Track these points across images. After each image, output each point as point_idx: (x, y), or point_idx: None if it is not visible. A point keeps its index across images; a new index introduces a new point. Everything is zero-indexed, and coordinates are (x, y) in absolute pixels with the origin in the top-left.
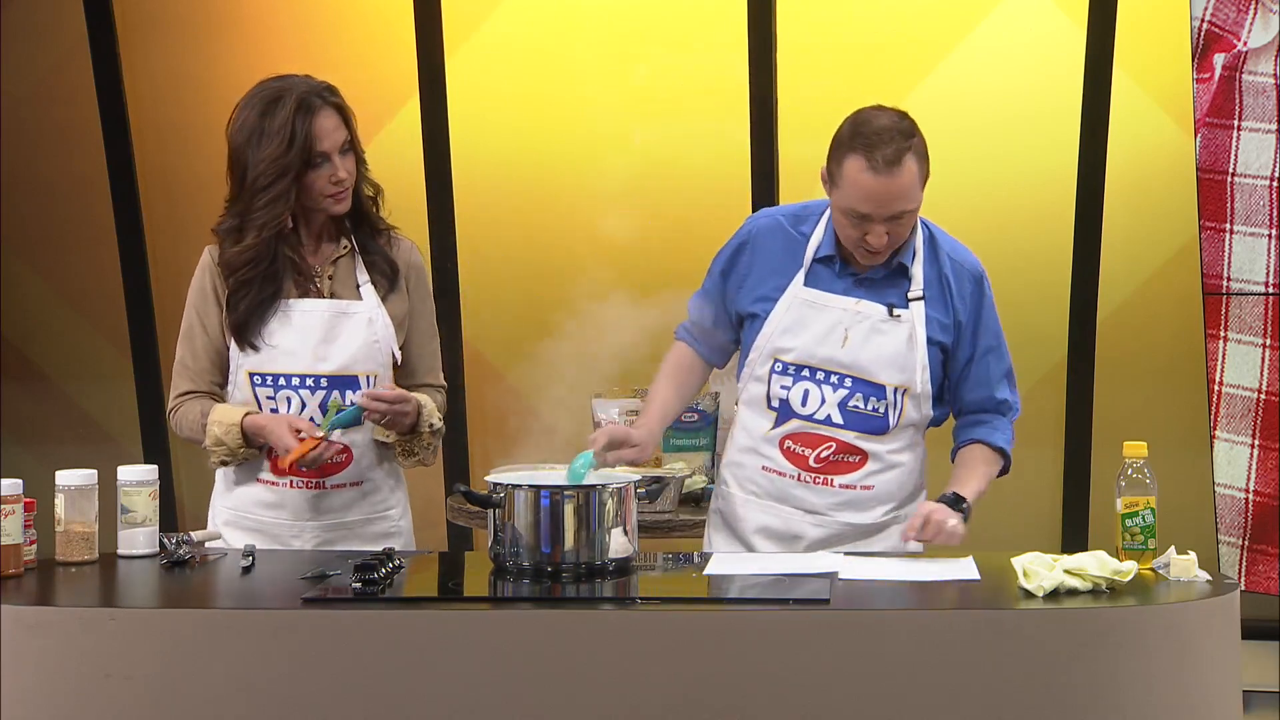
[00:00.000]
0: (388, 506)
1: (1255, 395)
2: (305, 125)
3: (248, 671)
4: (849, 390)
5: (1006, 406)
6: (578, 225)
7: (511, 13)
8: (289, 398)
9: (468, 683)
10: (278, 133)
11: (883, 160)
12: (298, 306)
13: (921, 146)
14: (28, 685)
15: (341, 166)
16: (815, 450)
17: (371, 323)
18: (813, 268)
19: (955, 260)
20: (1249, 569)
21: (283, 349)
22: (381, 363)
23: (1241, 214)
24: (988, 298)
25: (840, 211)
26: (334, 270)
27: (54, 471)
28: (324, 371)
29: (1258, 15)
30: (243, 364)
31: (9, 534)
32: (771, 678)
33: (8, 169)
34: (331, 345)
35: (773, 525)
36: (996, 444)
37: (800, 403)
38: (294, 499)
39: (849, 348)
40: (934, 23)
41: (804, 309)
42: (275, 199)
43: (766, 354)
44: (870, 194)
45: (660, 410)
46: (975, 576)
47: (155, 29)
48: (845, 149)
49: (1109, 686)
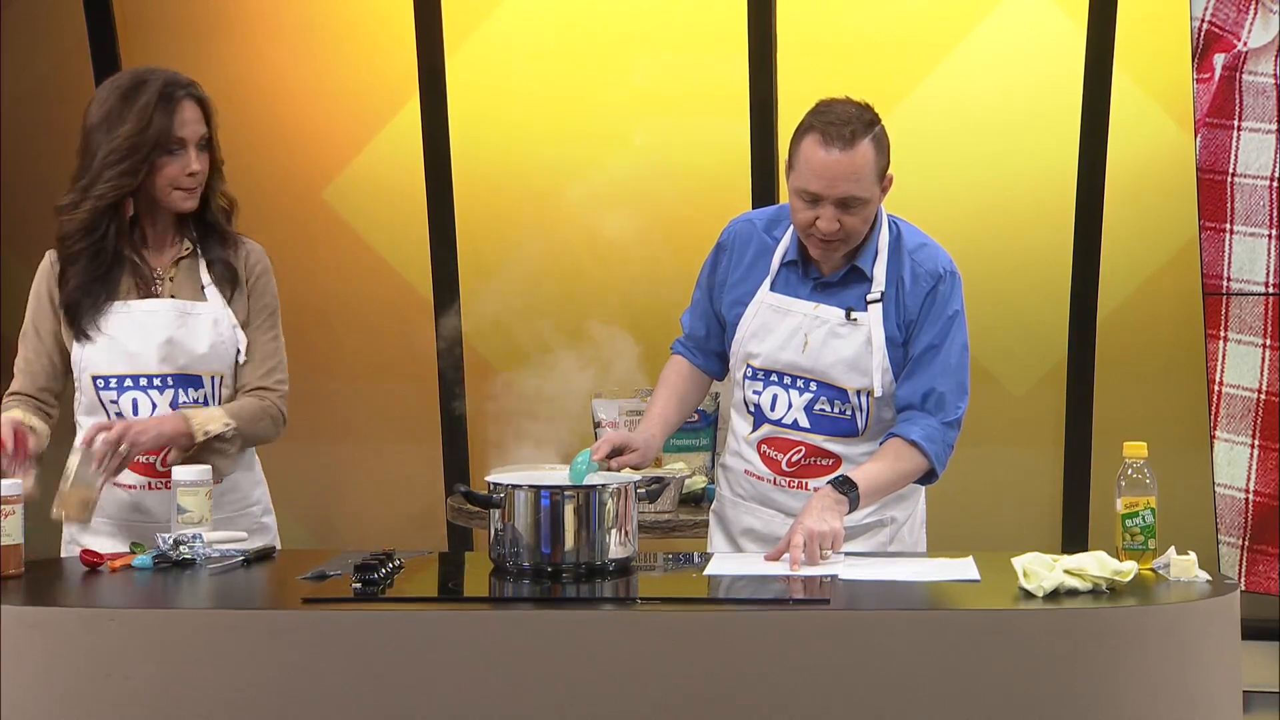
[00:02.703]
0: (250, 503)
1: (1255, 395)
2: (167, 110)
3: (248, 671)
4: (814, 394)
5: (936, 403)
6: (578, 225)
7: (511, 13)
8: (135, 399)
9: (468, 683)
10: (136, 115)
11: (837, 136)
12: (139, 307)
13: (882, 138)
14: (28, 685)
15: (196, 160)
16: (787, 454)
17: (217, 323)
18: (780, 272)
19: (916, 261)
20: (1249, 569)
21: (127, 349)
22: (227, 364)
23: (1241, 214)
24: (942, 297)
25: (794, 194)
26: (175, 271)
27: (54, 471)
28: (169, 370)
29: (1258, 15)
30: (86, 367)
31: (9, 534)
32: (771, 678)
33: (8, 169)
34: (177, 345)
35: (756, 527)
36: (909, 436)
37: (770, 407)
38: (153, 500)
39: (809, 352)
40: (934, 23)
41: (769, 314)
42: (122, 174)
43: (740, 358)
44: (821, 170)
45: (661, 418)
46: (975, 576)
47: (155, 29)
48: (803, 130)
49: (1109, 686)
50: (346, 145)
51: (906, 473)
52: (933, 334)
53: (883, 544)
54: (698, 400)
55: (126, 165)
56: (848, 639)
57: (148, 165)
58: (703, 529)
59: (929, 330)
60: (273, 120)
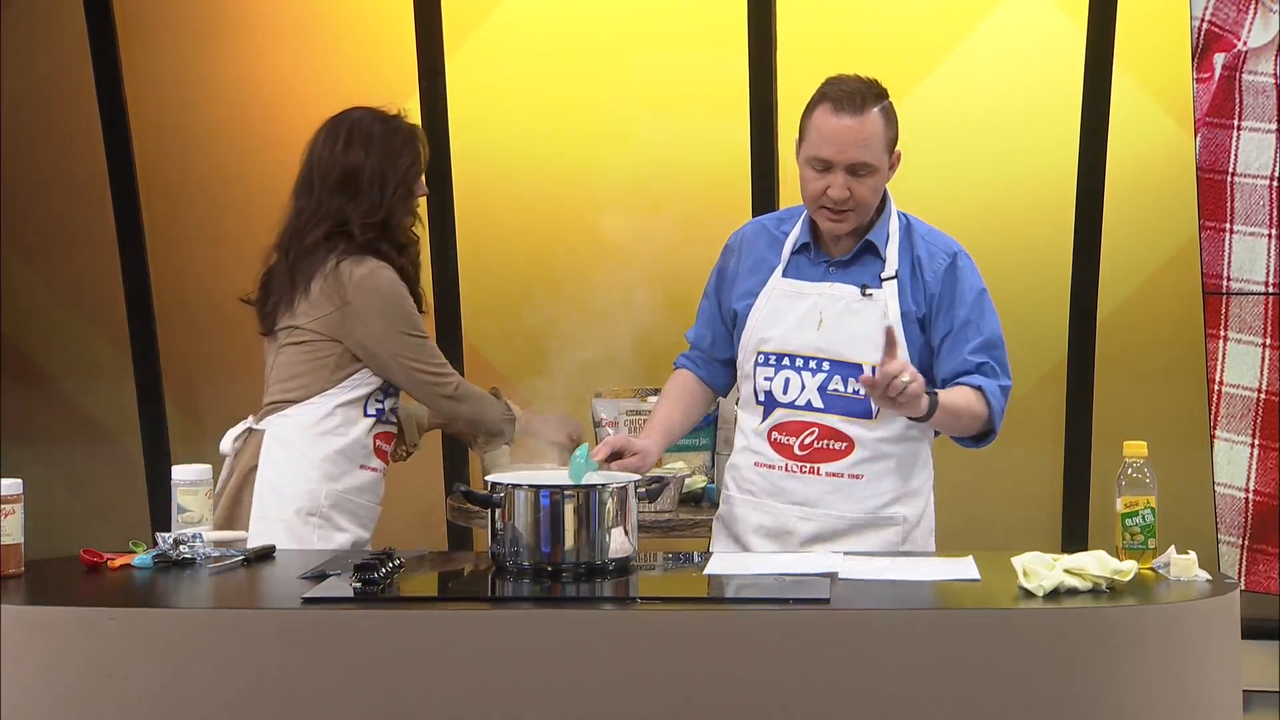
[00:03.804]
0: None
1: (1255, 395)
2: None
3: (248, 671)
4: (827, 374)
5: (988, 369)
6: (578, 225)
7: (511, 13)
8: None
9: (468, 683)
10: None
11: (848, 104)
12: None
13: (891, 111)
14: (28, 685)
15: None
16: (799, 437)
17: None
18: (791, 259)
19: (929, 241)
20: (1249, 569)
21: None
22: None
23: (1241, 214)
24: (962, 271)
25: (805, 164)
26: None
27: (53, 471)
28: None
29: (1258, 15)
30: None
31: (9, 534)
32: (771, 678)
33: (8, 169)
34: None
35: (765, 523)
36: (973, 383)
37: (782, 391)
38: (380, 482)
39: (824, 330)
40: (934, 23)
41: (781, 299)
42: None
43: (751, 348)
44: (831, 135)
45: (664, 425)
46: (975, 576)
47: (155, 29)
48: (814, 102)
49: (1109, 686)
50: None
51: (975, 412)
52: (965, 309)
53: (894, 544)
54: (700, 413)
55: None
56: (848, 639)
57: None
58: (703, 529)
59: (961, 305)
60: (273, 120)
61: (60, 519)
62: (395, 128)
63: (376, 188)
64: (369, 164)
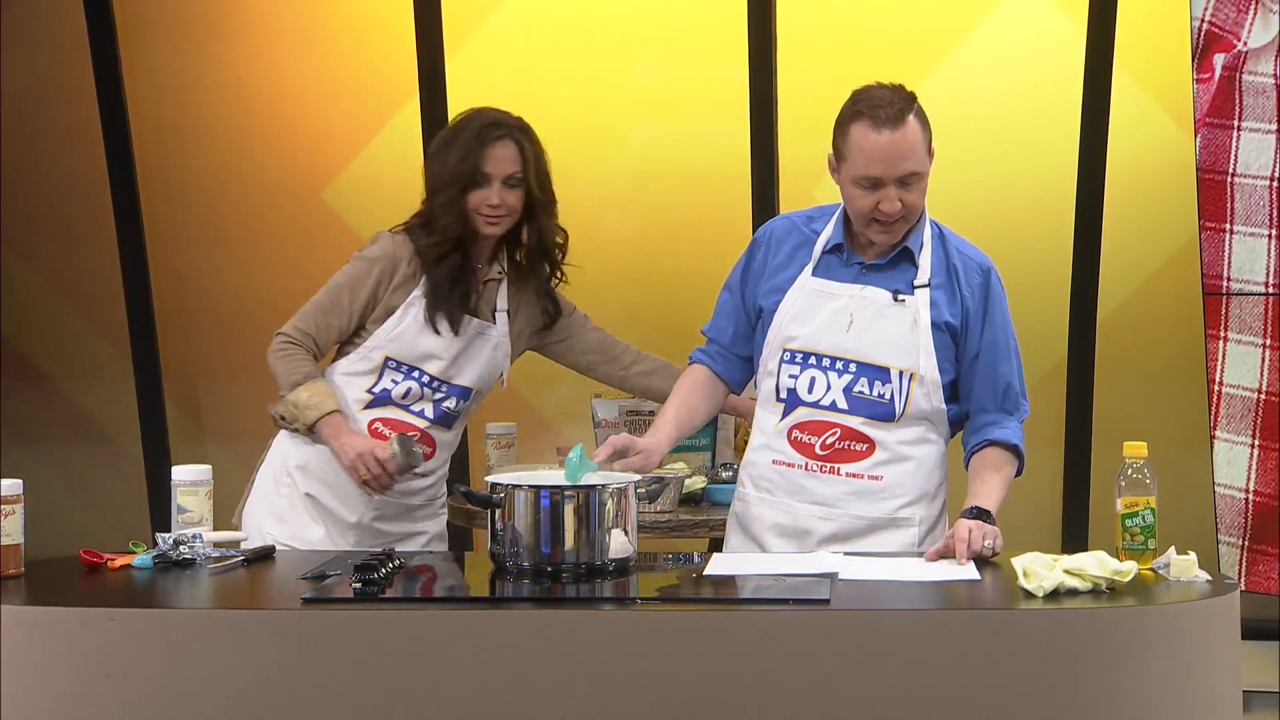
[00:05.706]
0: (438, 494)
1: (1255, 395)
2: (479, 149)
3: (248, 671)
4: (854, 375)
5: (1015, 404)
6: (578, 225)
7: (511, 13)
8: (409, 387)
9: (468, 683)
10: (456, 150)
11: (886, 118)
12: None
13: (922, 112)
14: (28, 685)
15: (499, 194)
16: (821, 437)
17: (497, 347)
18: (822, 259)
19: (963, 253)
20: (1249, 569)
21: (417, 348)
22: (489, 383)
23: (1241, 214)
24: (995, 291)
25: (851, 183)
26: (484, 291)
27: (53, 471)
28: (453, 380)
29: (1258, 15)
30: (384, 346)
31: (9, 534)
32: (771, 678)
33: (8, 169)
34: (459, 359)
35: (783, 522)
36: (1010, 441)
37: (807, 390)
38: None
39: (853, 332)
40: (934, 23)
41: (811, 298)
42: (447, 204)
43: (776, 345)
44: (877, 153)
45: (673, 424)
46: (975, 576)
47: (155, 29)
48: (848, 120)
49: (1109, 686)
50: (346, 145)
51: (1010, 478)
52: (994, 330)
53: (910, 545)
54: (710, 412)
55: (446, 196)
56: (848, 639)
57: (463, 197)
58: (703, 529)
59: (991, 326)
60: (273, 120)
61: (60, 519)
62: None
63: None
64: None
